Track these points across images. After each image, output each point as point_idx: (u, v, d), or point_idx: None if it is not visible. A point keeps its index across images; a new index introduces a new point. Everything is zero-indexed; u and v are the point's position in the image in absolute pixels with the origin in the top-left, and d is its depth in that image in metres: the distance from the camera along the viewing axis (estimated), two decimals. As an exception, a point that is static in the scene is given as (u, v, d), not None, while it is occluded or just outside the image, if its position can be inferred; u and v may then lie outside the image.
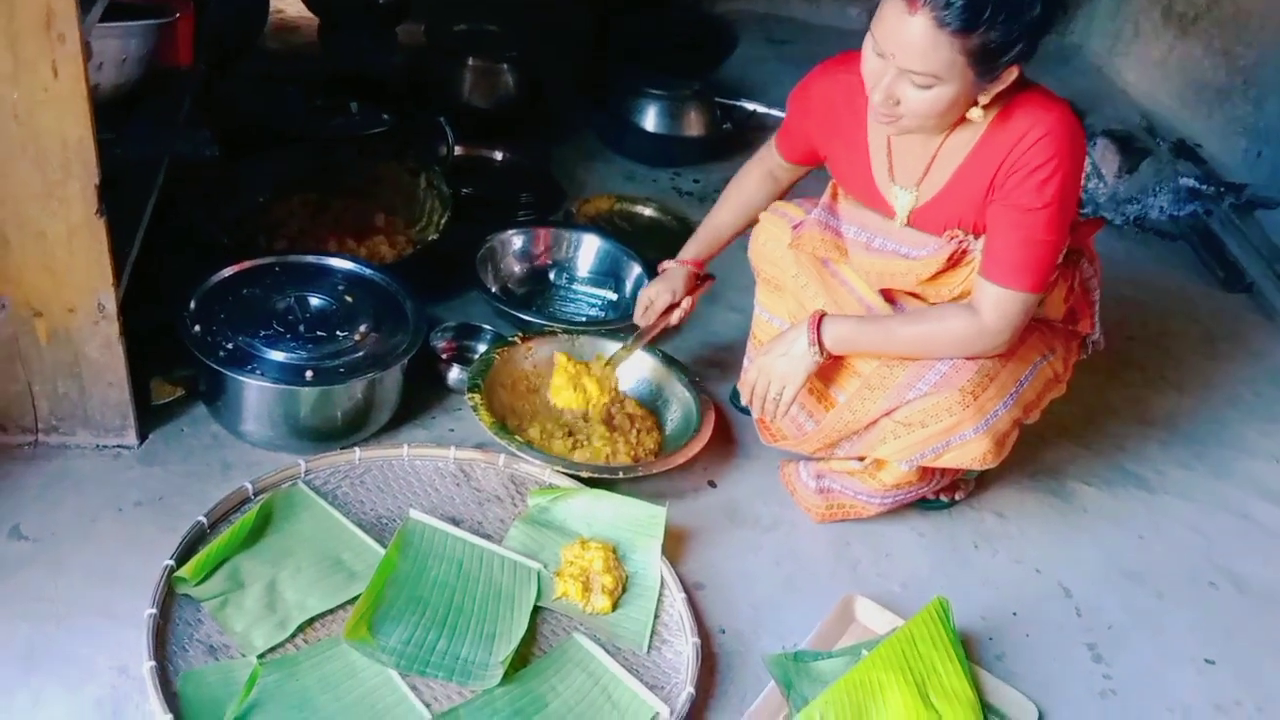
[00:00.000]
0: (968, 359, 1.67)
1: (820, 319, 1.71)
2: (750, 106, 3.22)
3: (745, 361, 2.05)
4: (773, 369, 1.75)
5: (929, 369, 1.68)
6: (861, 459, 1.82)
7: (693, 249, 2.03)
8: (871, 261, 1.75)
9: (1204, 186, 3.43)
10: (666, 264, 2.04)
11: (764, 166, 1.97)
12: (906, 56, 1.46)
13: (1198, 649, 1.87)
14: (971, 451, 1.68)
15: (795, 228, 1.84)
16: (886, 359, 1.73)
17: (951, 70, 1.45)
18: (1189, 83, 3.89)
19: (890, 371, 1.72)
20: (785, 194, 1.98)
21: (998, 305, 1.61)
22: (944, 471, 1.86)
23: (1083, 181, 1.62)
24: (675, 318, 2.03)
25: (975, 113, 1.54)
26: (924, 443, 1.68)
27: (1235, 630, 1.92)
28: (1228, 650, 1.87)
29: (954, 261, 1.67)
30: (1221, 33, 3.76)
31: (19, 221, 1.52)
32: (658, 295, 2.01)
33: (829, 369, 1.80)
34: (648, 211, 2.78)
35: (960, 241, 1.66)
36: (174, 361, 1.86)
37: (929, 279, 1.70)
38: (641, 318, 2.03)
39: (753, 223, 1.97)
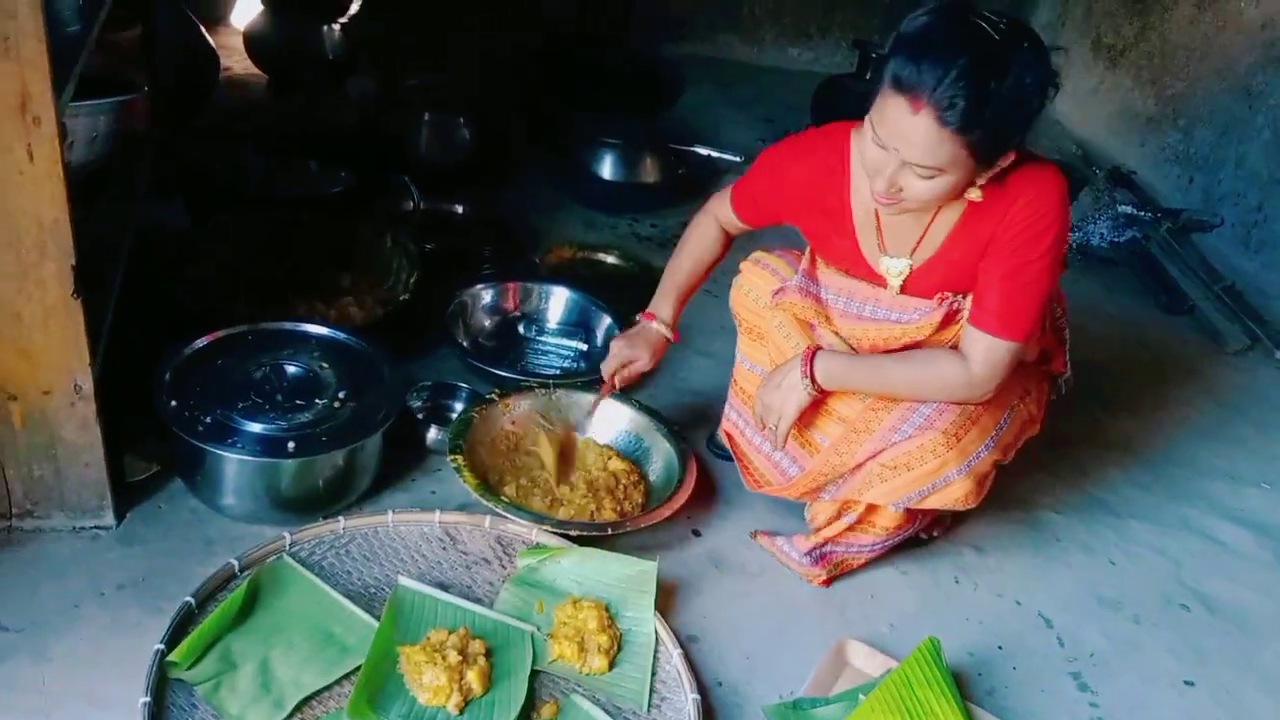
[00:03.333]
0: (951, 404, 1.70)
1: (813, 353, 1.75)
2: (704, 151, 3.27)
3: (726, 409, 2.07)
4: (769, 401, 1.79)
5: (913, 412, 1.72)
6: (848, 506, 1.84)
7: (666, 305, 2.01)
8: (864, 329, 1.78)
9: (1141, 213, 3.55)
10: (642, 322, 2.02)
11: (716, 222, 1.97)
12: (910, 151, 1.48)
13: (1177, 672, 1.92)
14: (955, 493, 1.72)
15: (776, 293, 1.87)
16: (871, 403, 1.76)
17: (955, 163, 1.48)
18: (1120, 113, 4.03)
19: (875, 415, 1.75)
20: (733, 242, 2.01)
21: (987, 354, 1.64)
22: (925, 513, 1.89)
23: (1069, 237, 1.66)
24: (636, 370, 2.02)
25: (974, 193, 1.58)
26: (911, 485, 1.72)
27: (1210, 651, 1.98)
28: (1205, 672, 1.93)
29: (946, 321, 1.71)
30: (1149, 64, 3.91)
31: (-7, 306, 1.49)
32: (638, 358, 1.99)
33: (812, 415, 1.83)
34: (610, 259, 2.81)
35: (952, 302, 1.70)
36: (146, 436, 1.83)
37: (921, 340, 1.73)
38: (619, 374, 2.01)
39: (709, 273, 2.01)
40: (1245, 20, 3.49)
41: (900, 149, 1.49)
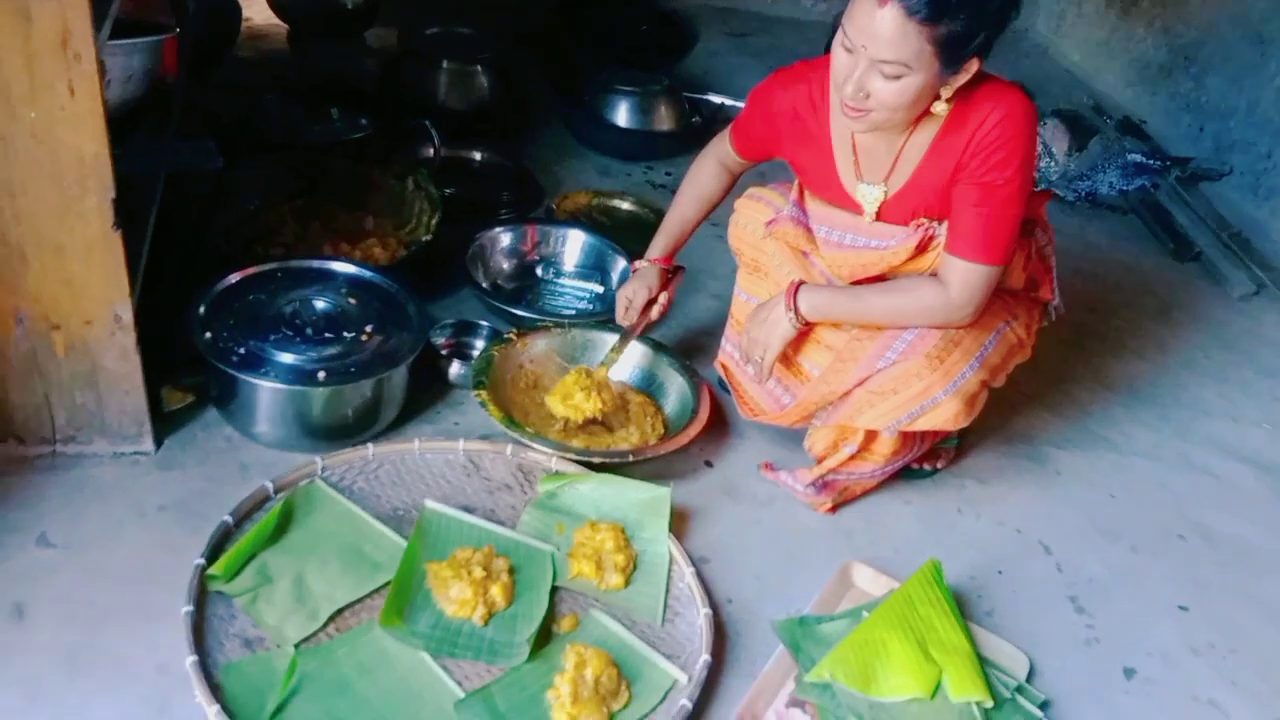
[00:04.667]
0: (933, 328, 1.77)
1: (797, 287, 1.82)
2: (717, 100, 3.31)
3: (722, 341, 2.15)
4: (755, 335, 1.88)
5: (896, 338, 1.79)
6: (847, 436, 1.91)
7: (659, 245, 2.11)
8: (844, 257, 1.85)
9: (1151, 161, 3.58)
10: (638, 263, 2.13)
11: (717, 160, 2.06)
12: (877, 46, 1.55)
13: (1172, 597, 1.99)
14: (944, 414, 1.79)
15: (769, 223, 1.95)
16: (857, 333, 1.83)
17: (920, 59, 1.54)
18: (1132, 62, 4.04)
19: (860, 344, 1.82)
20: (737, 181, 2.09)
21: (964, 279, 1.71)
22: (924, 438, 1.96)
23: (1036, 160, 1.73)
24: (655, 313, 2.11)
25: (939, 106, 1.65)
26: (899, 408, 1.79)
27: (1206, 579, 2.05)
28: (1200, 597, 2.00)
29: (921, 247, 1.78)
30: (1162, 12, 3.91)
31: (37, 238, 1.56)
32: (635, 294, 2.08)
33: (802, 344, 1.91)
34: (625, 205, 2.86)
35: (926, 229, 1.77)
36: (182, 368, 1.91)
37: (899, 265, 1.80)
38: (624, 318, 2.11)
39: (710, 212, 2.09)
40: (1259, -34, 3.49)
41: (868, 45, 1.55)
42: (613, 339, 2.16)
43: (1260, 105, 3.44)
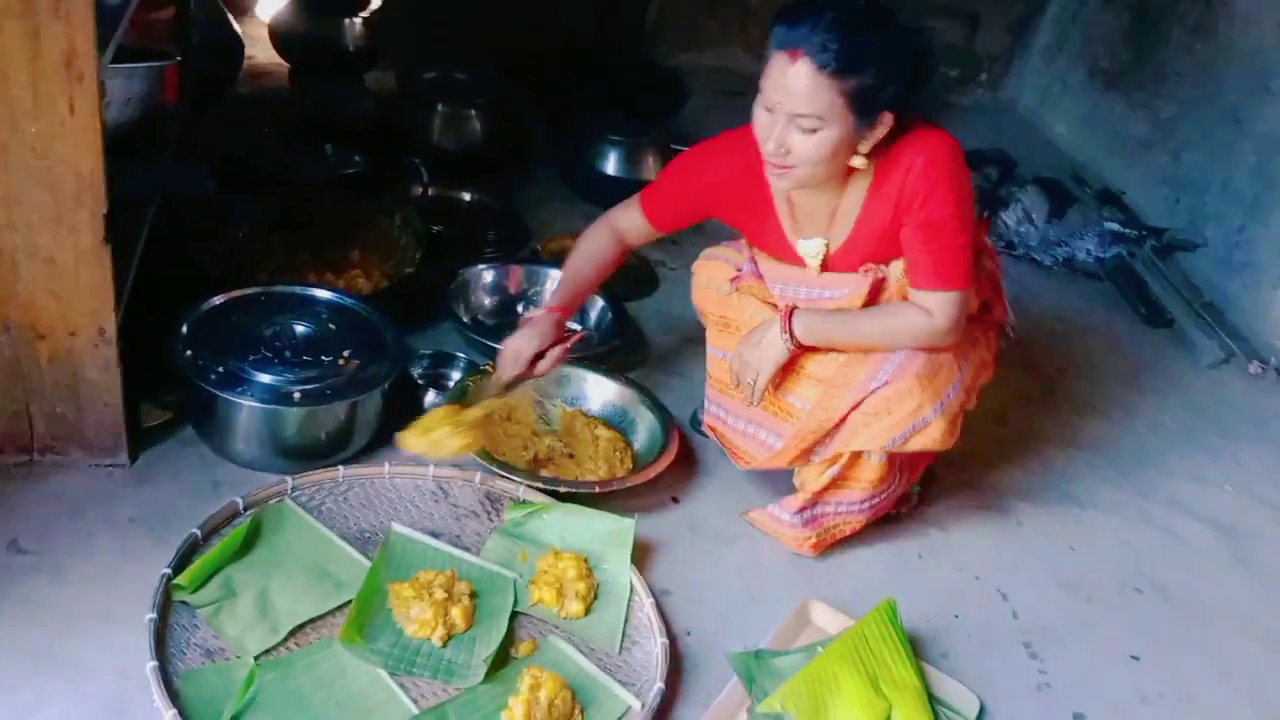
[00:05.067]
0: (916, 350, 1.83)
1: (791, 311, 1.88)
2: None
3: (705, 402, 2.19)
4: (748, 358, 1.93)
5: (886, 361, 1.84)
6: (832, 460, 1.94)
7: (558, 297, 2.03)
8: (797, 304, 1.92)
9: (1127, 230, 3.67)
10: (532, 313, 2.04)
11: (615, 229, 2.05)
12: (793, 101, 1.64)
13: (1125, 648, 2.02)
14: (933, 433, 1.84)
15: (734, 279, 2.02)
16: (845, 360, 1.89)
17: (832, 111, 1.64)
18: (1114, 135, 4.15)
19: (850, 369, 1.88)
20: (628, 254, 2.10)
21: (941, 307, 1.79)
22: (902, 475, 2.00)
23: (971, 186, 1.82)
24: (542, 367, 1.98)
25: (859, 160, 1.74)
26: (893, 428, 1.83)
27: (1160, 632, 2.08)
28: (1153, 649, 2.03)
29: (874, 292, 1.86)
30: (1143, 89, 4.02)
31: (30, 248, 1.62)
32: (525, 347, 1.95)
33: (786, 380, 1.95)
34: (609, 250, 2.92)
35: (876, 273, 1.85)
36: (162, 386, 1.96)
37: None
38: (508, 370, 1.96)
39: (604, 279, 2.08)
40: (1235, 49, 3.61)
41: (783, 101, 1.65)
42: (587, 374, 2.22)
43: (1234, 181, 3.53)
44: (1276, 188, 3.35)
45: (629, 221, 2.05)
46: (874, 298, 1.86)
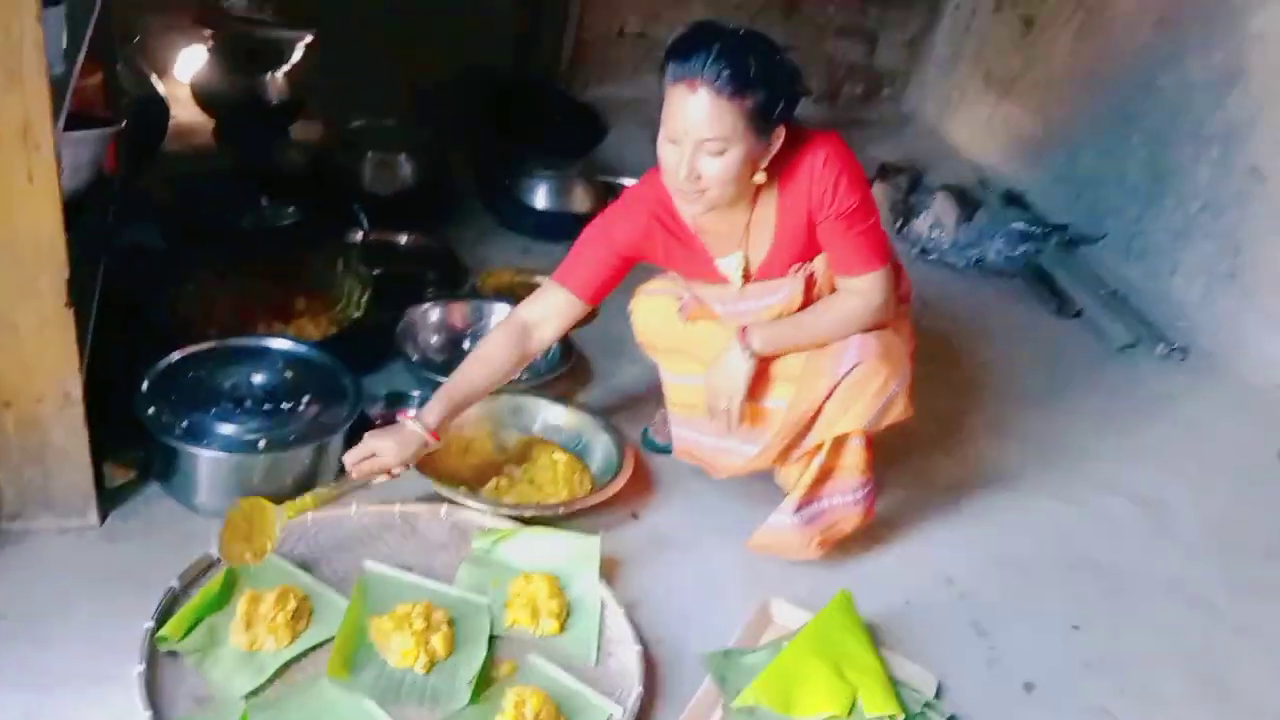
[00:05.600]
0: (866, 331, 1.97)
1: (744, 330, 2.00)
2: (629, 183, 3.50)
3: (672, 428, 2.27)
4: (718, 386, 2.04)
5: (847, 347, 1.96)
6: (813, 453, 2.03)
7: (436, 410, 1.97)
8: (744, 319, 2.04)
9: (1033, 229, 3.85)
10: (406, 419, 1.97)
11: (529, 321, 2.04)
12: (698, 128, 1.77)
13: (1066, 619, 2.16)
14: (898, 406, 1.99)
15: (681, 309, 2.13)
16: (809, 355, 2.00)
17: (736, 131, 1.77)
18: (1012, 139, 4.37)
19: (816, 360, 1.99)
20: (532, 356, 2.10)
21: (873, 285, 1.95)
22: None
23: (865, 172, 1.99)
24: (381, 480, 1.94)
25: (760, 176, 1.87)
26: (867, 409, 1.96)
27: (1095, 603, 2.22)
28: (1090, 619, 2.17)
29: (809, 287, 1.99)
30: (1036, 94, 4.25)
31: (-8, 318, 1.65)
32: (384, 454, 1.90)
33: (760, 387, 2.06)
34: (546, 281, 3.01)
35: (807, 271, 1.98)
36: (124, 444, 1.99)
37: (798, 309, 2.01)
38: (359, 466, 1.91)
39: (498, 384, 2.06)
40: (1120, 49, 3.84)
41: (689, 130, 1.78)
42: (539, 402, 2.30)
43: (1128, 176, 3.76)
44: (1166, 179, 3.58)
45: (547, 308, 2.03)
46: (808, 293, 1.99)
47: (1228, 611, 2.25)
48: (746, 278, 2.02)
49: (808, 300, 2.01)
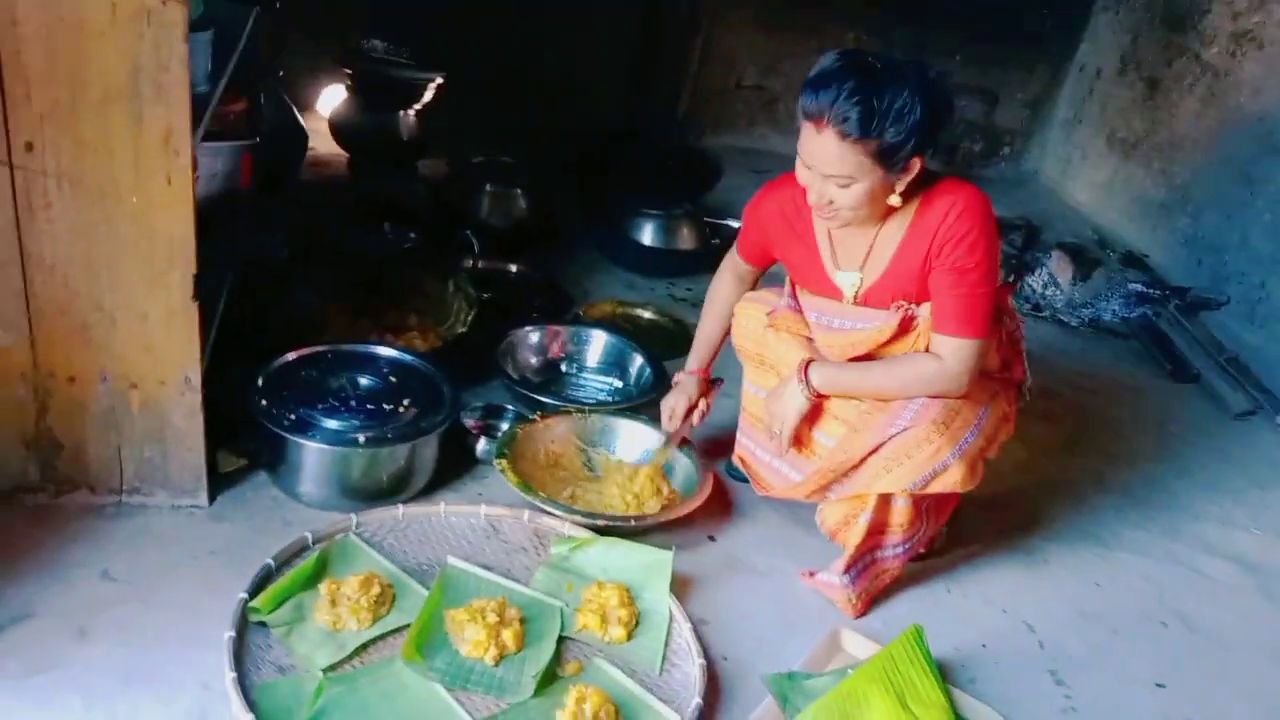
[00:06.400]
0: (933, 398, 1.95)
1: (807, 364, 2.03)
2: (736, 224, 3.57)
3: (738, 434, 2.34)
4: (774, 410, 2.08)
5: (905, 408, 1.97)
6: (859, 506, 2.03)
7: (695, 358, 2.35)
8: (834, 338, 2.07)
9: (1151, 290, 3.78)
10: (678, 376, 2.36)
11: (731, 272, 2.32)
12: (824, 165, 1.82)
13: (1150, 675, 2.09)
14: (953, 476, 1.95)
15: (770, 313, 2.18)
16: (868, 406, 2.01)
17: (862, 169, 1.81)
18: (1133, 200, 4.29)
19: (871, 415, 2.00)
20: (752, 289, 2.33)
21: (956, 353, 1.92)
22: (929, 517, 2.10)
23: (999, 243, 1.95)
24: (696, 418, 2.33)
25: (895, 199, 1.89)
26: (913, 472, 1.95)
27: (1184, 661, 2.14)
28: (1177, 677, 2.09)
29: (904, 328, 1.98)
30: (1159, 156, 4.18)
31: (127, 306, 1.81)
32: (677, 403, 2.31)
33: (816, 419, 2.09)
34: (647, 314, 3.10)
35: (906, 310, 1.97)
36: (238, 436, 2.13)
37: (884, 344, 2.01)
38: (668, 424, 2.32)
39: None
40: (1244, 113, 3.76)
41: (816, 165, 1.82)
42: (629, 424, 2.37)
43: (1251, 239, 3.65)
44: (1293, 244, 3.47)
45: (735, 261, 2.29)
46: (903, 332, 1.99)
47: (1331, 684, 2.15)
48: (857, 299, 2.05)
49: (897, 341, 2.01)
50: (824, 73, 1.81)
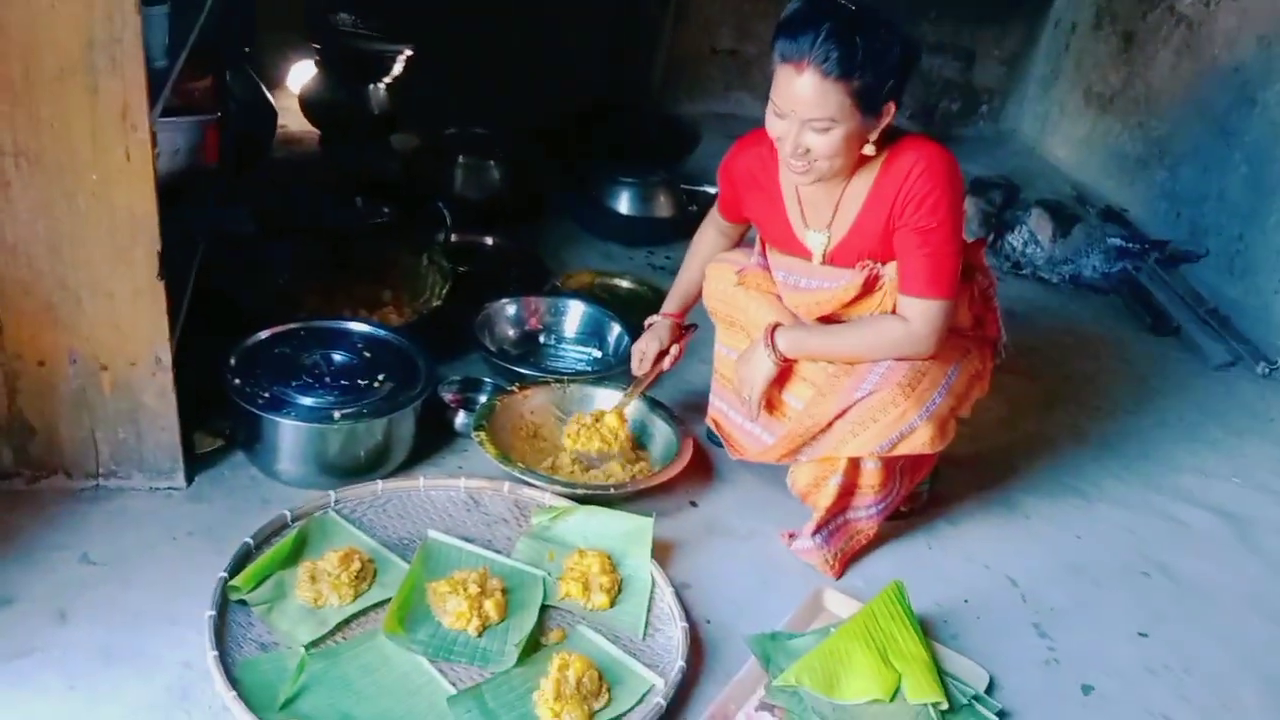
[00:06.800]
0: (900, 360, 1.94)
1: (773, 329, 2.01)
2: (713, 191, 3.54)
3: (711, 397, 2.33)
4: (742, 374, 2.08)
5: (870, 371, 1.96)
6: (829, 469, 2.04)
7: (671, 303, 2.35)
8: (801, 297, 2.07)
9: (1131, 245, 3.78)
10: (651, 319, 2.35)
11: (713, 226, 2.32)
12: (805, 108, 1.80)
13: (1131, 625, 2.11)
14: (920, 438, 1.95)
15: (740, 271, 2.18)
16: (834, 369, 2.01)
17: (842, 111, 1.79)
18: (1112, 155, 4.28)
19: (837, 379, 2.00)
20: (736, 244, 2.32)
21: (923, 314, 1.91)
22: (903, 477, 2.11)
23: (963, 201, 1.94)
24: (666, 364, 2.32)
25: (869, 149, 1.87)
26: (880, 435, 1.95)
27: (1166, 610, 2.16)
28: (1159, 626, 2.11)
29: (869, 287, 1.98)
30: (1136, 110, 4.16)
31: (92, 285, 1.79)
32: (648, 346, 2.30)
33: (785, 382, 2.08)
34: (625, 284, 3.08)
35: (871, 269, 1.97)
36: (214, 416, 2.12)
37: (850, 303, 2.01)
38: (638, 368, 2.32)
39: None
40: (1219, 65, 3.75)
41: (796, 109, 1.79)
42: (608, 393, 2.36)
43: (1229, 192, 3.65)
44: (1269, 196, 3.47)
45: (715, 217, 2.30)
46: (868, 291, 1.98)
47: (1310, 628, 2.17)
48: (825, 258, 2.04)
49: (862, 300, 2.01)
50: (799, 15, 1.80)
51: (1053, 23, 4.62)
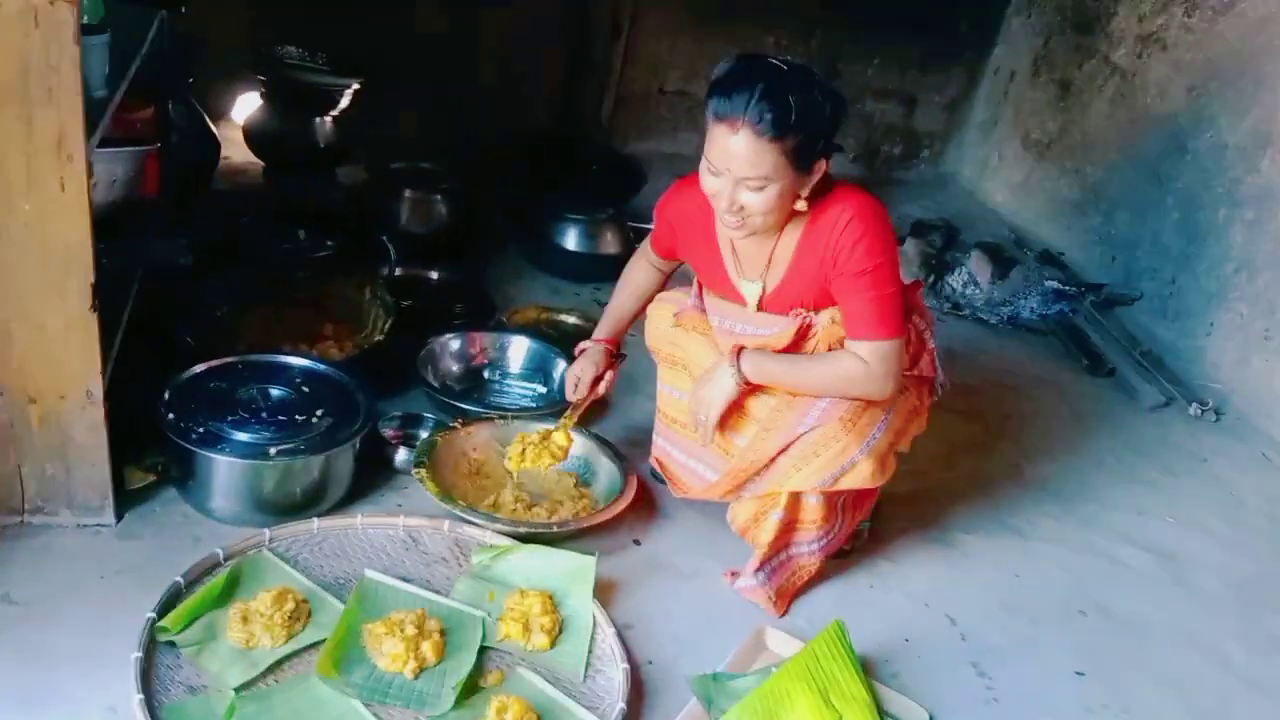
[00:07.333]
0: (857, 399, 1.96)
1: (739, 351, 2.02)
2: (660, 229, 3.57)
3: (654, 436, 2.33)
4: (700, 396, 2.07)
5: (813, 406, 1.98)
6: (770, 504, 2.05)
7: (603, 329, 2.36)
8: (736, 341, 2.08)
9: (1068, 288, 3.86)
10: (584, 344, 2.35)
11: (645, 259, 2.33)
12: (740, 166, 1.82)
13: (1069, 664, 2.13)
14: (862, 473, 1.97)
15: (677, 314, 2.21)
16: (777, 404, 2.02)
17: (777, 169, 1.81)
18: (1049, 200, 4.38)
19: (780, 414, 2.01)
20: (667, 280, 2.35)
21: (875, 354, 1.93)
22: (845, 513, 2.11)
23: (895, 243, 1.98)
24: (602, 388, 2.31)
25: (801, 204, 1.90)
26: (822, 470, 1.96)
27: (1103, 649, 2.19)
28: (1096, 665, 2.13)
29: (801, 334, 2.01)
30: (1072, 156, 4.27)
31: (23, 316, 1.75)
32: (583, 371, 2.29)
33: (731, 418, 2.08)
34: (571, 319, 3.08)
35: (804, 318, 2.00)
36: (146, 451, 2.07)
37: (783, 350, 2.02)
38: (573, 394, 2.30)
39: (646, 303, 2.32)
40: (1152, 113, 3.86)
41: (731, 168, 1.82)
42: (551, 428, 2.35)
43: (1162, 237, 3.75)
44: (1201, 240, 3.57)
45: (647, 251, 2.31)
46: (800, 339, 2.01)
47: (1242, 666, 2.21)
48: (759, 305, 2.06)
49: (796, 347, 2.03)
50: (733, 74, 1.83)
51: (992, 70, 4.73)
